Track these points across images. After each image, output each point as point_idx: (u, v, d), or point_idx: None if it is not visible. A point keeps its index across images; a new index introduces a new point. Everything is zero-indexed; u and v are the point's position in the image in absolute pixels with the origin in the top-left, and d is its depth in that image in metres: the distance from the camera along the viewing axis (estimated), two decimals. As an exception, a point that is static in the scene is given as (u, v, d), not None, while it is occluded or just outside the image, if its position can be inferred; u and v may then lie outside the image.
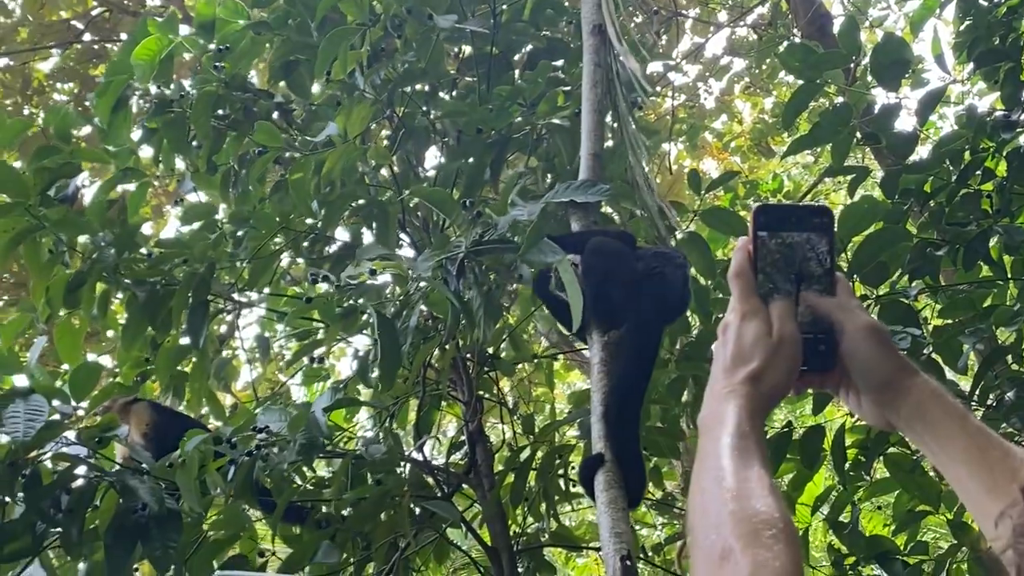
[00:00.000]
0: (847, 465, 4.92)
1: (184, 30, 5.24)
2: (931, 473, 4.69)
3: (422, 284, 3.92)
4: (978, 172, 4.86)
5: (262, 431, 4.02)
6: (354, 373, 4.60)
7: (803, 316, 1.66)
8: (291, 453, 3.94)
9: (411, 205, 5.28)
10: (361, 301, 4.28)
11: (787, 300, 1.65)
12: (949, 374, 4.80)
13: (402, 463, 4.69)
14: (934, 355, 4.71)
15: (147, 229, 7.87)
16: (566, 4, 5.53)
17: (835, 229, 1.74)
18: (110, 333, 6.47)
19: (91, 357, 8.01)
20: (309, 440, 3.98)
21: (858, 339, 1.65)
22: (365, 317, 4.26)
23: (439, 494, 4.75)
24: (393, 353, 4.03)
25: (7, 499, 3.70)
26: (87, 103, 5.25)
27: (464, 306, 3.94)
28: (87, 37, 11.26)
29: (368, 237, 5.21)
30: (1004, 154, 4.98)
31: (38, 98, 11.07)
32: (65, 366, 4.95)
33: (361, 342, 4.85)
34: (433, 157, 5.53)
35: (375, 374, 4.24)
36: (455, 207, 3.99)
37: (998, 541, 1.45)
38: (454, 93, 5.36)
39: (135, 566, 4.05)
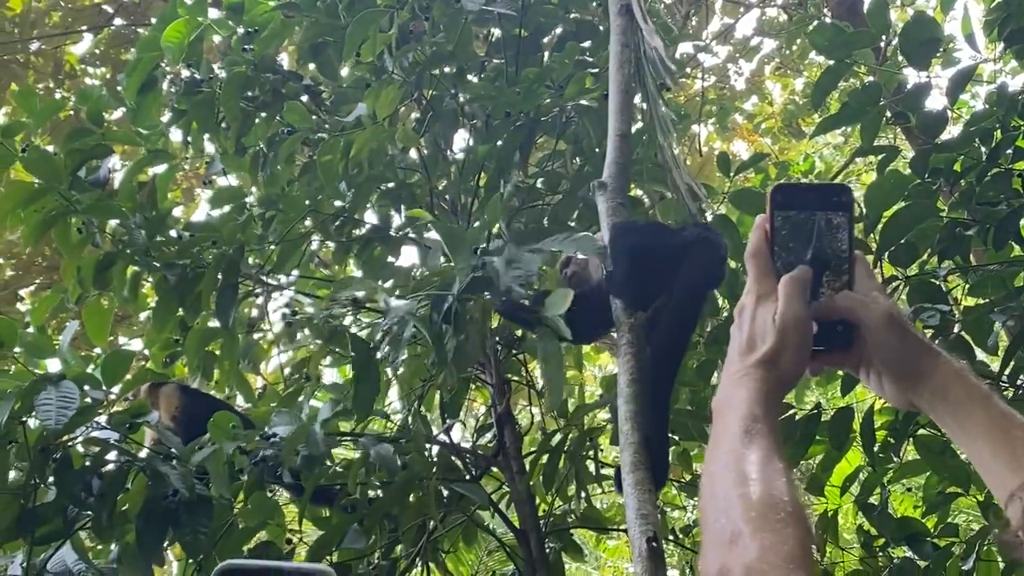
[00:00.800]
0: (877, 447, 4.92)
1: (213, 13, 5.27)
2: (961, 455, 4.68)
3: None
4: (1009, 151, 4.79)
5: (271, 438, 4.04)
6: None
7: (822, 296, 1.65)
8: (301, 460, 4.00)
9: (439, 188, 5.33)
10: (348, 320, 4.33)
11: (795, 280, 1.63)
12: (980, 355, 4.78)
13: (430, 445, 4.72)
14: (963, 334, 4.70)
15: (177, 212, 7.90)
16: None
17: (854, 207, 1.72)
18: (141, 316, 6.52)
19: (121, 341, 8.09)
20: (308, 457, 4.04)
21: (876, 331, 1.64)
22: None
23: (467, 477, 4.77)
24: (368, 383, 4.03)
25: (39, 483, 3.77)
26: (119, 87, 5.28)
27: (442, 348, 3.95)
28: (118, 21, 11.33)
29: (397, 220, 5.24)
30: (1035, 133, 4.91)
31: (70, 82, 11.14)
32: (97, 350, 5.01)
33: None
34: (461, 140, 5.56)
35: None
36: (462, 243, 3.99)
37: (1013, 522, 1.44)
38: (482, 76, 5.35)
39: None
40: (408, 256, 5.43)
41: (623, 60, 4.24)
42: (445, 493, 4.57)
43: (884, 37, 4.96)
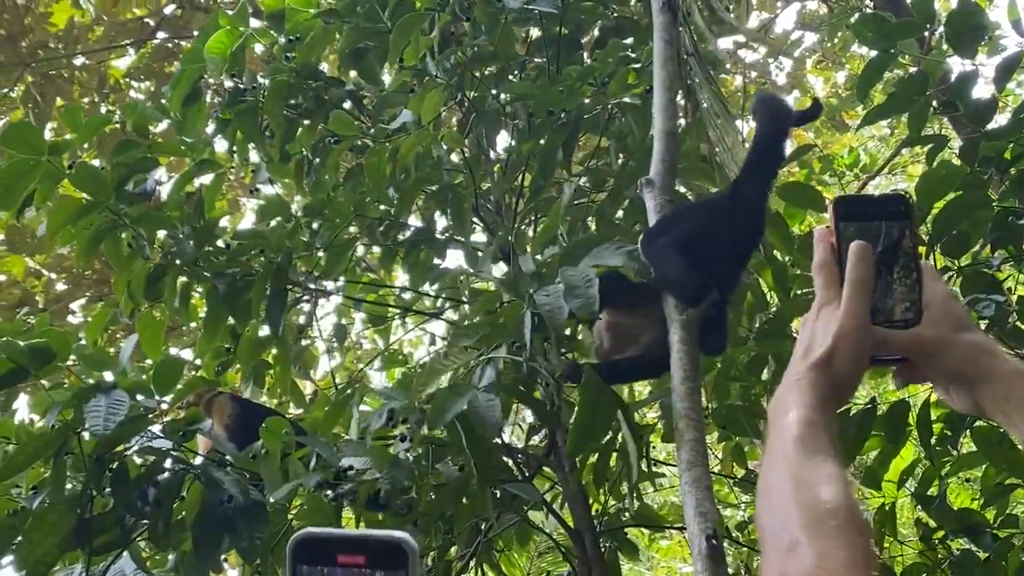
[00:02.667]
0: (933, 439, 4.86)
1: (255, 24, 5.30)
2: (1020, 446, 4.62)
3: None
4: (1059, 138, 4.73)
5: (348, 471, 3.99)
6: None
7: (881, 302, 1.63)
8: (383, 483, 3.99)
9: (483, 188, 5.32)
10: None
11: (856, 283, 1.61)
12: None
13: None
14: (1019, 323, 4.63)
15: (224, 222, 7.96)
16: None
17: (915, 215, 1.71)
18: (191, 325, 6.56)
19: (172, 351, 8.15)
20: (394, 483, 4.03)
21: (928, 362, 1.63)
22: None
23: (520, 477, 4.75)
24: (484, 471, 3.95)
25: (95, 493, 3.77)
26: (164, 100, 5.34)
27: (538, 405, 4.07)
28: (161, 35, 11.43)
29: (441, 222, 5.25)
30: (1086, 119, 4.82)
31: (115, 96, 11.25)
32: (150, 361, 5.04)
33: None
34: (505, 140, 5.55)
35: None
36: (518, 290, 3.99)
37: None
38: (522, 75, 5.34)
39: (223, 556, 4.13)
40: (452, 258, 5.46)
41: (666, 57, 4.21)
42: (498, 494, 4.58)
43: (929, 26, 4.89)
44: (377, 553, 1.03)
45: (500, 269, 5.21)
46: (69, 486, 3.83)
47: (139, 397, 3.87)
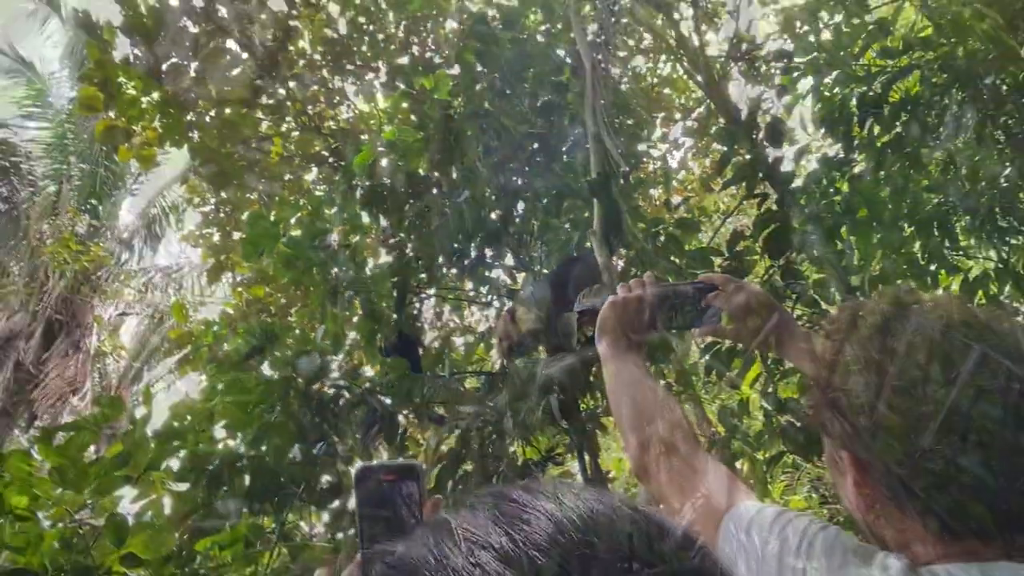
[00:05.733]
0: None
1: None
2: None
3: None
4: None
5: None
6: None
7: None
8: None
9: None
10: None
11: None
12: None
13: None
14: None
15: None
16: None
17: None
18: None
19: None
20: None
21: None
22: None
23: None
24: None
25: (311, 415, 4.49)
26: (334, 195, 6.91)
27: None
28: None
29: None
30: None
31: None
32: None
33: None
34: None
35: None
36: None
37: None
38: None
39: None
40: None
41: (595, 107, 4.22)
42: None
43: (754, 132, 5.14)
44: (402, 472, 1.30)
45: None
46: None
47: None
